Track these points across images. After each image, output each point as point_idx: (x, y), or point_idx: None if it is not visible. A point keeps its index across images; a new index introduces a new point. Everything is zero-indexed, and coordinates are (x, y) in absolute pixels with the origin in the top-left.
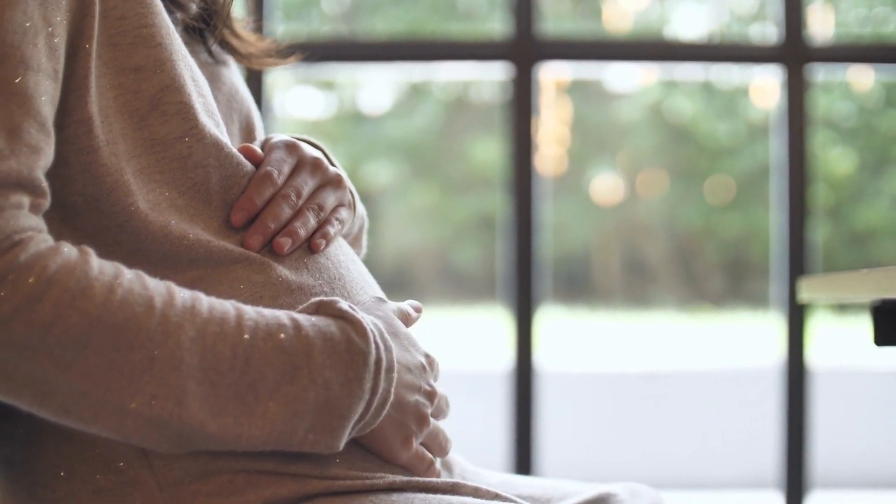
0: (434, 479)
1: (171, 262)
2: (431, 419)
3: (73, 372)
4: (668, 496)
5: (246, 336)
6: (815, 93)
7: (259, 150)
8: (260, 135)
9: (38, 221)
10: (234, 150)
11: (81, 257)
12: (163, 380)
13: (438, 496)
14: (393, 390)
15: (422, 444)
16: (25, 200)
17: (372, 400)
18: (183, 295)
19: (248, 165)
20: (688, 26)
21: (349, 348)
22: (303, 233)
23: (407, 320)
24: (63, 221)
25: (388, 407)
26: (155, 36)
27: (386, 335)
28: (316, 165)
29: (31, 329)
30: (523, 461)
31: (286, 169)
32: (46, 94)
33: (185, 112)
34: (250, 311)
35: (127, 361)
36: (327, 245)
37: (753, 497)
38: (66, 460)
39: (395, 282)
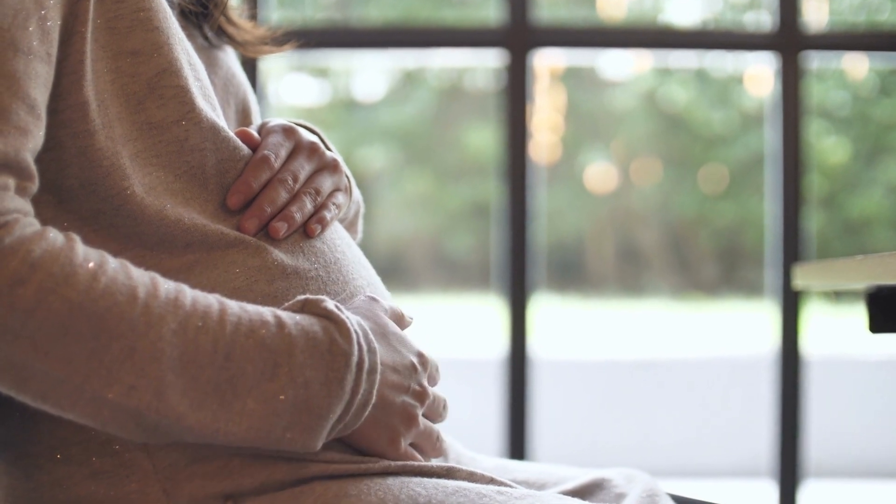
0: (429, 464)
1: (166, 246)
2: (422, 420)
3: (53, 358)
4: (661, 484)
5: (228, 331)
6: (810, 81)
7: (256, 135)
8: (256, 119)
9: (23, 204)
10: (231, 134)
11: (67, 243)
12: (142, 371)
13: (434, 480)
14: (375, 391)
15: (415, 444)
16: (11, 182)
17: (352, 401)
18: (167, 286)
19: (245, 149)
20: (682, 13)
21: (331, 349)
22: (299, 217)
23: (401, 321)
24: (58, 205)
25: (369, 408)
26: (152, 19)
27: (371, 336)
28: (313, 150)
29: (13, 313)
30: (517, 448)
31: (283, 153)
32: (38, 78)
33: (182, 96)
34: (234, 307)
35: (107, 350)
36: (323, 230)
37: (747, 485)
38: (61, 443)
39: (389, 269)
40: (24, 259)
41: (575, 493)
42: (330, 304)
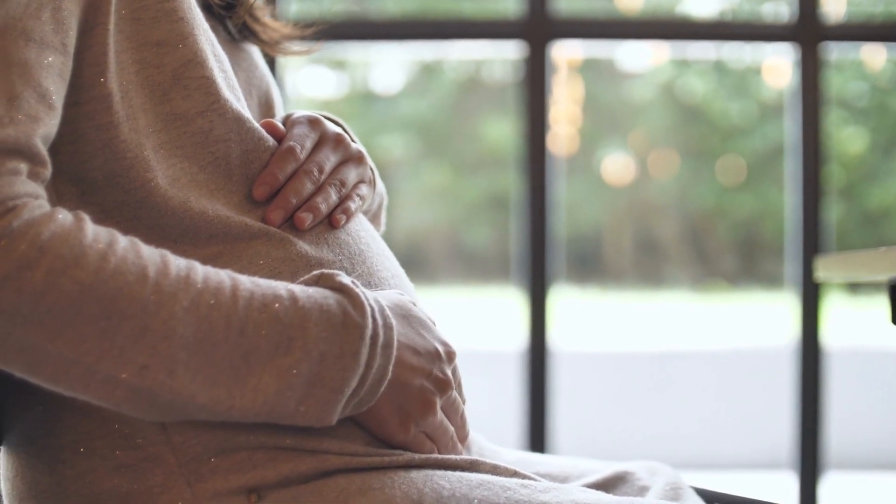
0: (453, 457)
1: (190, 238)
2: (440, 412)
3: (64, 340)
4: (682, 476)
5: (240, 306)
6: (829, 72)
7: (281, 126)
8: (280, 111)
9: (35, 188)
10: (256, 125)
11: (76, 224)
12: (154, 349)
13: (458, 473)
14: (391, 368)
15: (429, 436)
16: (23, 167)
17: (367, 375)
18: (178, 264)
19: (270, 140)
20: (700, 4)
21: (345, 321)
22: (324, 208)
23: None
24: (81, 197)
25: (384, 385)
26: (177, 10)
27: (388, 312)
28: (338, 141)
29: (22, 297)
30: (537, 440)
31: (308, 144)
32: (50, 68)
33: (208, 87)
34: (245, 282)
35: (118, 331)
36: (348, 221)
37: (767, 477)
38: (85, 436)
39: (408, 261)
40: (33, 242)
41: (598, 486)
42: (345, 278)
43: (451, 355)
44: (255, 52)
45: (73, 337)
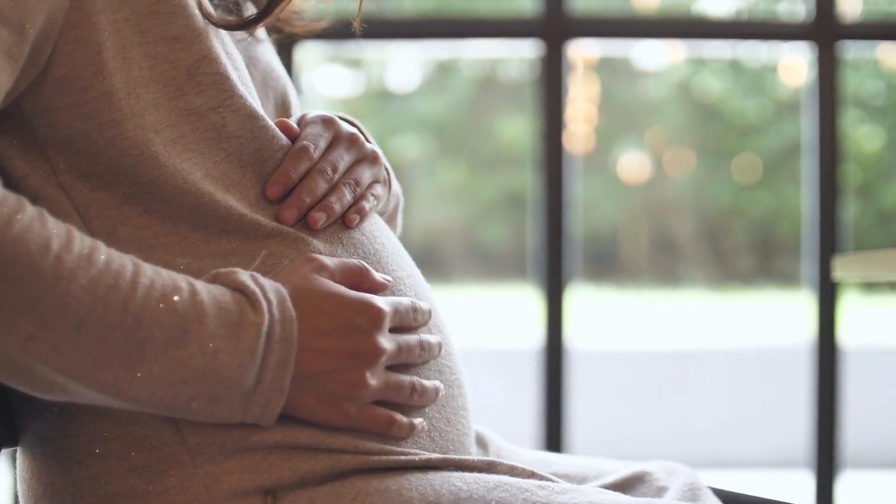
0: (470, 458)
1: (202, 232)
2: (378, 377)
3: None
4: (700, 475)
5: (140, 293)
6: (845, 70)
7: (295, 125)
8: (296, 112)
9: None
10: (270, 123)
11: None
12: (43, 322)
13: (475, 475)
14: (292, 360)
15: (388, 401)
16: None
17: (264, 370)
18: (82, 242)
19: (284, 139)
20: (716, 3)
21: (241, 319)
22: (338, 208)
23: (358, 276)
24: (91, 193)
25: (288, 377)
26: (190, 6)
27: (288, 304)
28: (352, 141)
29: None
30: (553, 439)
31: (322, 143)
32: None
33: (222, 83)
34: (148, 270)
35: (9, 297)
36: (361, 221)
37: (784, 476)
38: (100, 437)
39: (423, 259)
40: None
41: (616, 486)
42: (243, 275)
43: (376, 318)
44: (271, 54)
45: None
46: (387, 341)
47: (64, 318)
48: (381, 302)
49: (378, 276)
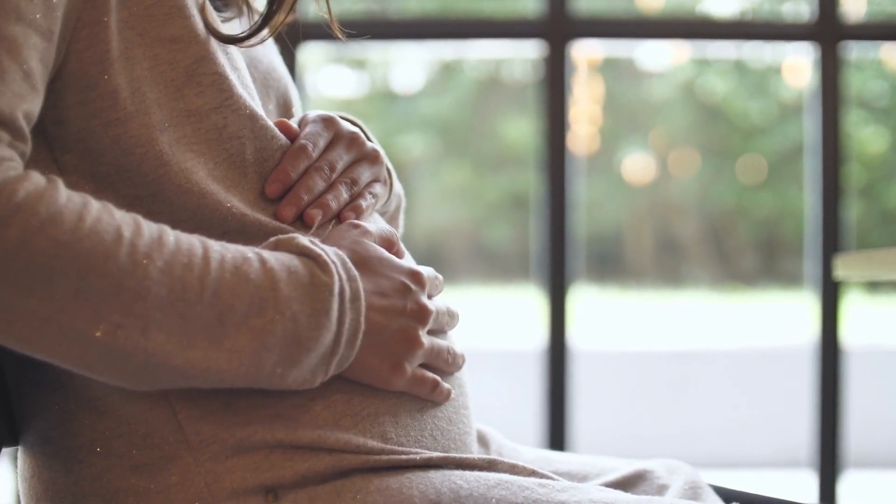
0: (471, 456)
1: (204, 232)
2: (426, 339)
3: (38, 297)
4: (702, 475)
5: (213, 268)
6: (848, 71)
7: (295, 126)
8: (298, 112)
9: (12, 154)
10: (270, 123)
11: (50, 184)
12: (129, 309)
13: (476, 473)
14: (363, 319)
15: (427, 365)
16: (5, 136)
17: (340, 330)
18: (150, 226)
19: (283, 139)
20: (720, 4)
21: (312, 281)
22: (334, 205)
23: (390, 245)
24: (96, 192)
25: (360, 336)
26: (188, 7)
27: (349, 265)
28: (352, 141)
29: None
30: (557, 438)
31: (321, 143)
32: (35, 49)
33: (221, 83)
34: (215, 245)
35: (93, 289)
36: (357, 218)
37: (787, 476)
38: (101, 436)
39: (427, 260)
40: (9, 200)
41: (617, 484)
42: (303, 239)
43: (419, 280)
44: (273, 53)
45: (47, 295)
46: (430, 304)
47: (146, 302)
48: (422, 269)
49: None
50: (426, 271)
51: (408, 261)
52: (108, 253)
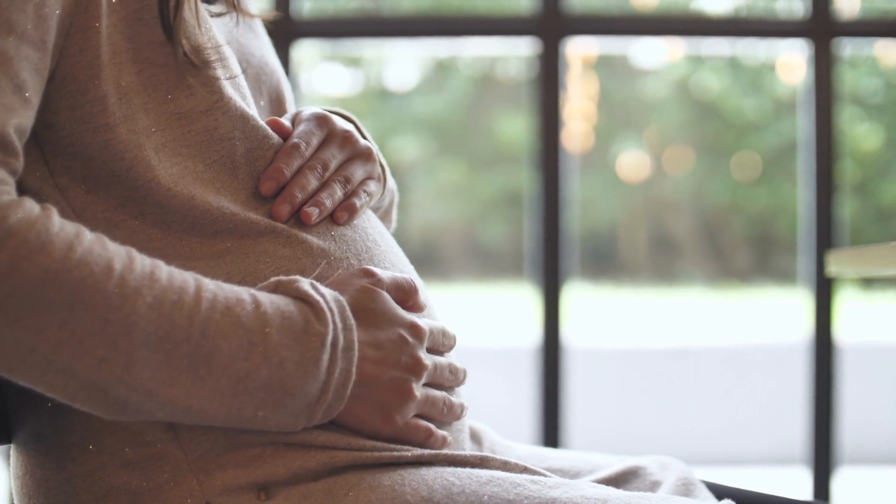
0: (463, 453)
1: (196, 234)
2: (422, 391)
3: (23, 326)
4: (695, 471)
5: (203, 307)
6: (842, 68)
7: (287, 124)
8: (290, 106)
9: (5, 176)
10: (261, 123)
11: (43, 213)
12: (114, 344)
13: (467, 470)
14: (355, 369)
15: (423, 415)
16: None
17: (329, 379)
18: (143, 261)
19: (275, 138)
20: (714, 1)
21: (306, 329)
22: (329, 203)
23: (404, 292)
24: (87, 195)
25: (350, 386)
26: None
27: (348, 313)
28: (346, 138)
29: None
30: (551, 436)
31: (314, 141)
32: (27, 61)
33: (211, 85)
34: (210, 284)
35: (79, 321)
36: (351, 217)
37: (781, 473)
38: (94, 434)
39: (422, 258)
40: None
41: (609, 480)
42: (304, 283)
43: (418, 334)
44: (266, 48)
45: (33, 324)
46: (427, 358)
47: (132, 337)
48: (422, 321)
49: (421, 298)
50: (434, 326)
51: (429, 312)
52: (96, 285)
